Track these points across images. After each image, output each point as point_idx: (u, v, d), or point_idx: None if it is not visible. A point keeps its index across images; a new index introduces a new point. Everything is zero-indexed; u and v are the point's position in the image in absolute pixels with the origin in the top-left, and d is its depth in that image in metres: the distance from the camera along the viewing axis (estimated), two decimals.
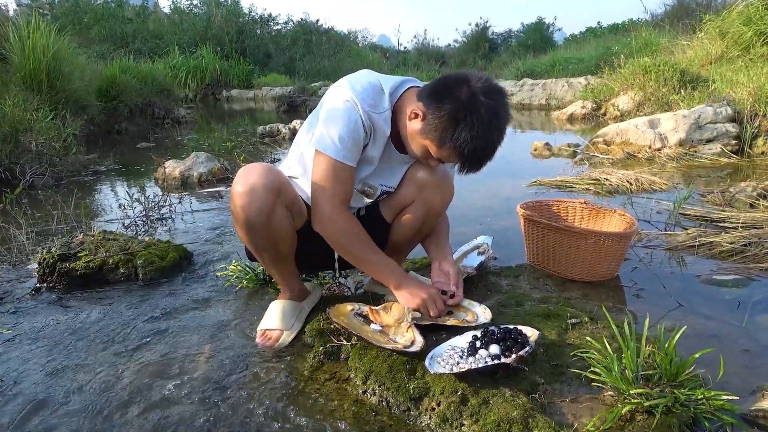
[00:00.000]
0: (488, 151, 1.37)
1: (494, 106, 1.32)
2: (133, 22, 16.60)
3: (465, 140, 1.31)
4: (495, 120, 1.32)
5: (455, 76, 1.38)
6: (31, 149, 4.24)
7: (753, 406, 1.22)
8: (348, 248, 1.51)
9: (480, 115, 1.30)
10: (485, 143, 1.34)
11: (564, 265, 2.03)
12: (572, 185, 3.59)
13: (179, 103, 9.95)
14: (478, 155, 1.36)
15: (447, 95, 1.34)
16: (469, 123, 1.30)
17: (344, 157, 1.41)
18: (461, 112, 1.31)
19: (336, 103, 1.41)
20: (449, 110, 1.32)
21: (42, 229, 2.82)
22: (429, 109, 1.36)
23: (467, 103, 1.31)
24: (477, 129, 1.30)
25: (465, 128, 1.31)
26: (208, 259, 2.40)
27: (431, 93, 1.38)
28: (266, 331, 1.62)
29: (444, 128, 1.34)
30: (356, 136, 1.40)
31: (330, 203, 1.44)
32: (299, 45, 18.75)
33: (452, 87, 1.34)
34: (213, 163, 4.30)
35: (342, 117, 1.39)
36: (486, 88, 1.32)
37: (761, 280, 2.01)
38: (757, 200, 2.89)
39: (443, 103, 1.33)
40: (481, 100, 1.30)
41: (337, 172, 1.42)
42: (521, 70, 13.66)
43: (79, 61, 6.43)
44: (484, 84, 1.33)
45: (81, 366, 1.53)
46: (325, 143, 1.41)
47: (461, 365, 1.28)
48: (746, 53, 6.18)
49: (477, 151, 1.34)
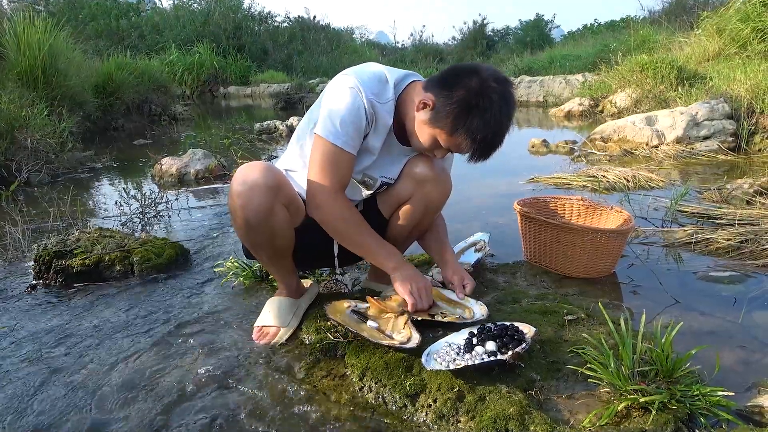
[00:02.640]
0: (499, 137, 1.38)
1: (504, 93, 1.34)
2: (129, 18, 16.52)
3: (478, 126, 1.33)
4: (505, 107, 1.34)
5: (465, 65, 1.40)
6: (27, 146, 4.22)
7: (749, 402, 1.22)
8: (345, 232, 1.50)
9: (492, 101, 1.32)
10: (496, 130, 1.36)
11: (561, 262, 2.03)
12: (569, 182, 3.58)
13: (176, 99, 9.92)
14: (490, 142, 1.37)
15: (458, 83, 1.35)
16: (482, 109, 1.32)
17: (344, 143, 1.40)
18: (474, 98, 1.32)
19: (340, 89, 1.41)
20: (462, 97, 1.33)
21: (38, 226, 2.81)
22: (439, 98, 1.37)
23: (479, 90, 1.32)
24: (489, 115, 1.32)
25: (477, 115, 1.32)
26: (204, 256, 2.40)
27: (441, 82, 1.39)
28: (263, 327, 1.62)
29: (456, 115, 1.34)
30: (358, 123, 1.40)
31: (327, 187, 1.43)
32: (297, 42, 18.68)
33: (462, 75, 1.36)
34: (210, 160, 4.28)
35: (345, 103, 1.39)
36: (495, 77, 1.35)
37: (757, 276, 2.01)
38: (753, 197, 2.89)
39: (454, 90, 1.34)
40: (493, 86, 1.33)
41: (336, 157, 1.41)
42: (519, 67, 13.64)
43: (75, 57, 6.40)
44: (493, 73, 1.36)
45: (76, 363, 1.53)
46: (326, 128, 1.40)
47: (458, 362, 1.28)
48: (743, 50, 6.19)
49: (488, 137, 1.36)
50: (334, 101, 1.41)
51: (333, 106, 1.40)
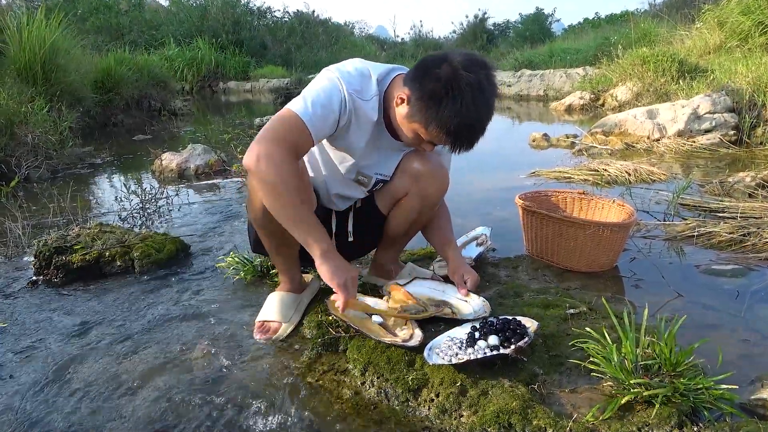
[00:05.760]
0: (476, 126, 1.33)
1: (476, 80, 1.28)
2: (129, 13, 16.47)
3: (449, 117, 1.28)
4: (479, 93, 1.28)
5: (435, 55, 1.35)
6: (26, 142, 4.20)
7: (752, 395, 1.22)
8: (280, 196, 1.31)
9: (461, 89, 1.27)
10: (471, 118, 1.30)
11: (563, 256, 2.02)
12: (571, 176, 3.58)
13: (175, 95, 9.89)
14: (466, 131, 1.32)
15: (427, 75, 1.31)
16: (451, 99, 1.27)
17: (309, 121, 1.33)
18: (442, 88, 1.28)
19: (320, 78, 1.41)
20: (431, 88, 1.29)
21: (38, 222, 2.80)
22: (413, 91, 1.34)
23: (448, 79, 1.27)
24: (460, 104, 1.27)
25: (447, 105, 1.28)
26: (205, 251, 2.39)
27: (413, 76, 1.36)
28: (265, 322, 1.61)
29: (428, 108, 1.30)
30: (328, 108, 1.36)
31: (278, 142, 1.31)
32: (296, 36, 18.62)
33: (432, 66, 1.31)
34: (210, 155, 4.28)
35: (320, 86, 1.38)
36: (467, 63, 1.29)
37: (760, 269, 2.00)
38: (755, 190, 2.88)
39: (425, 82, 1.31)
40: (462, 75, 1.27)
41: (296, 126, 1.33)
42: (519, 61, 13.60)
43: (74, 52, 6.37)
44: (464, 59, 1.30)
45: (77, 359, 1.53)
46: (296, 102, 1.37)
47: (460, 356, 1.27)
48: (745, 43, 6.17)
49: (463, 127, 1.30)
50: (311, 86, 1.40)
51: (309, 88, 1.40)
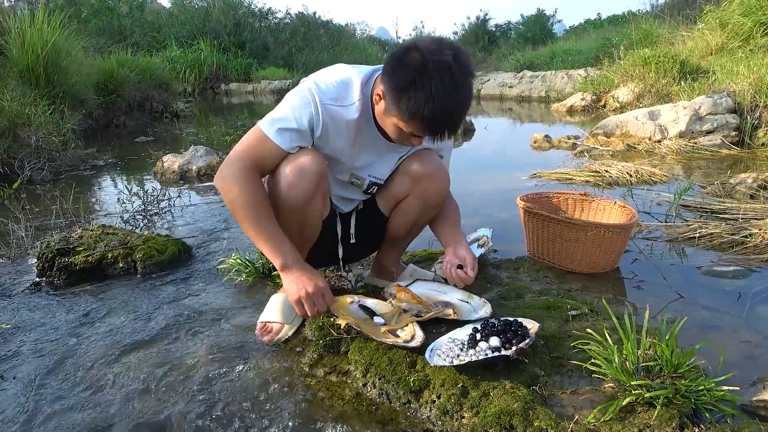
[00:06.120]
0: (450, 110, 1.29)
1: (446, 65, 1.25)
2: (131, 15, 16.50)
3: (420, 104, 1.26)
4: (449, 78, 1.25)
5: (404, 46, 1.34)
6: (29, 143, 4.22)
7: (754, 397, 1.22)
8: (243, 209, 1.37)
9: (430, 75, 1.25)
10: (443, 103, 1.26)
11: (564, 257, 2.02)
12: (572, 177, 3.58)
13: (177, 96, 9.92)
14: (441, 116, 1.29)
15: (399, 66, 1.30)
16: (420, 86, 1.25)
17: (273, 134, 1.37)
18: (410, 76, 1.26)
19: (294, 91, 1.43)
20: (401, 78, 1.28)
21: (41, 224, 2.81)
22: (386, 85, 1.33)
23: (416, 67, 1.26)
24: (429, 90, 1.25)
25: (417, 92, 1.26)
26: (207, 253, 2.40)
27: (386, 70, 1.35)
28: (267, 323, 1.62)
29: (399, 99, 1.29)
30: (296, 122, 1.38)
31: (243, 162, 1.38)
32: (297, 38, 18.64)
33: (402, 57, 1.30)
34: (212, 156, 4.28)
35: (290, 101, 1.40)
36: (437, 49, 1.27)
37: (761, 271, 2.00)
38: (757, 191, 2.88)
39: (396, 75, 1.30)
40: (429, 60, 1.25)
41: (260, 143, 1.39)
42: (521, 63, 13.61)
43: (76, 54, 6.39)
44: (433, 45, 1.28)
45: (79, 360, 1.53)
46: (265, 118, 1.41)
47: (461, 358, 1.28)
48: (746, 44, 6.15)
49: (437, 113, 1.27)
50: (282, 102, 1.42)
51: (281, 103, 1.42)
